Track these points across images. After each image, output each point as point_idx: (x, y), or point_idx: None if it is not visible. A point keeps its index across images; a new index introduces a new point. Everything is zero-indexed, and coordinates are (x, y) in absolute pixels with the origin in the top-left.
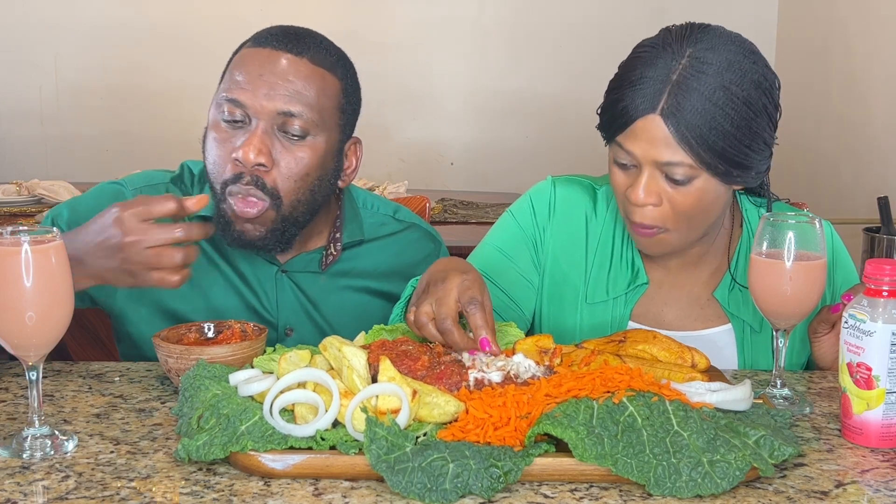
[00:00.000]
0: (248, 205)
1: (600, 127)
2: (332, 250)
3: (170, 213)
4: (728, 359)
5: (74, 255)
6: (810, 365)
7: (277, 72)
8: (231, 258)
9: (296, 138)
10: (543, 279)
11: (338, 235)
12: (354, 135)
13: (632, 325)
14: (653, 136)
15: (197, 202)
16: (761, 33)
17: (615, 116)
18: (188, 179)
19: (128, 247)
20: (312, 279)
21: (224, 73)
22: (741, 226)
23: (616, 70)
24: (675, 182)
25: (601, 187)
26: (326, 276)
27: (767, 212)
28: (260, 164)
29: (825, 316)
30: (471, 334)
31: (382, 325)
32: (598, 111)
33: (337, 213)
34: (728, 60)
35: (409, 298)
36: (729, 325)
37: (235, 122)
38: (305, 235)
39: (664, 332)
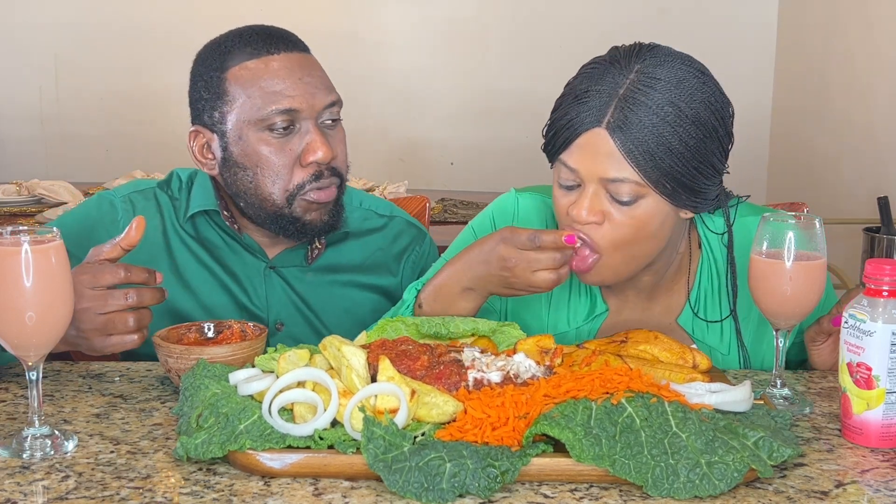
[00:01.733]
0: (327, 192)
1: (545, 146)
2: (318, 244)
3: (121, 281)
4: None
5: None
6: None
7: (307, 70)
8: (220, 257)
9: (335, 123)
10: (506, 304)
11: None
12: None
13: None
14: (597, 150)
15: (136, 228)
16: (761, 33)
17: (559, 131)
18: (175, 185)
19: (80, 314)
20: (300, 275)
21: (221, 92)
22: (700, 247)
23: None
24: (620, 203)
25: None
26: (314, 272)
27: (727, 223)
28: (333, 157)
29: (825, 327)
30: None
31: (388, 319)
32: (543, 131)
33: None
34: (677, 77)
35: (413, 303)
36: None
37: (283, 129)
38: None
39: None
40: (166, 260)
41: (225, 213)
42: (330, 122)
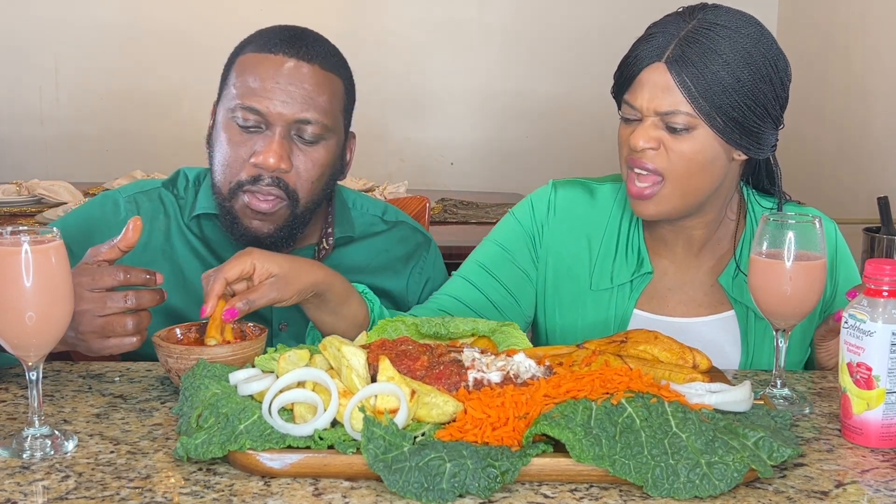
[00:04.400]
0: (265, 201)
1: (613, 87)
2: (325, 244)
3: (120, 283)
4: (732, 345)
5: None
6: (810, 364)
7: (292, 79)
8: (224, 257)
9: (311, 142)
10: (546, 273)
11: (329, 231)
12: (351, 130)
13: (636, 313)
14: (654, 83)
15: (133, 229)
16: None
17: (624, 70)
18: (181, 184)
19: (78, 316)
20: None
21: (228, 74)
22: (745, 217)
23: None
24: (673, 131)
25: (602, 185)
26: None
27: (779, 210)
28: (281, 169)
29: (834, 326)
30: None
31: (388, 319)
32: (615, 76)
33: (328, 210)
34: (736, 25)
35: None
36: (732, 312)
37: (250, 127)
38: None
39: (668, 320)
40: (169, 260)
41: None
42: (301, 138)
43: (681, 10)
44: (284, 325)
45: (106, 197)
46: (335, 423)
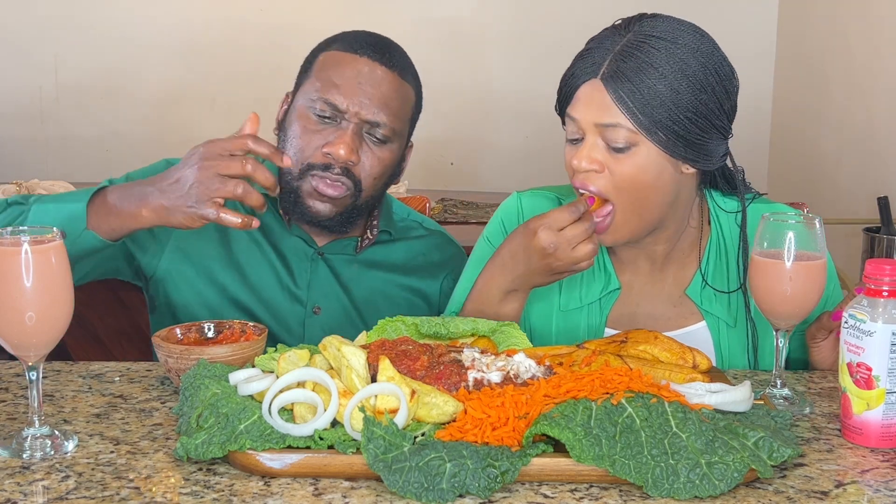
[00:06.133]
0: (333, 187)
1: (556, 104)
2: (369, 235)
3: (245, 150)
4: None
5: (139, 192)
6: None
7: (372, 82)
8: (273, 239)
9: (379, 142)
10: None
11: (374, 223)
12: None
13: (608, 331)
14: (592, 99)
15: (252, 121)
16: (761, 35)
17: (563, 87)
18: None
19: (202, 170)
20: (347, 264)
21: (309, 67)
22: (708, 223)
23: None
24: (616, 150)
25: (568, 197)
26: (359, 264)
27: (741, 207)
28: (349, 161)
29: (825, 323)
30: None
31: (388, 319)
32: (557, 91)
33: (374, 206)
34: (672, 35)
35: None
36: (703, 323)
37: (325, 118)
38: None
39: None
40: (220, 230)
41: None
42: (371, 137)
43: (618, 22)
44: (318, 308)
45: (169, 162)
46: (335, 423)
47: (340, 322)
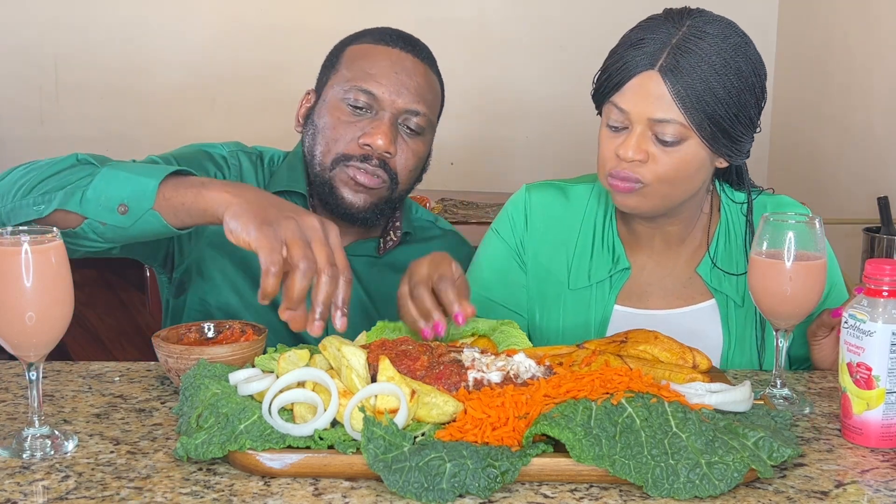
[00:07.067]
0: (370, 178)
1: (595, 92)
2: (392, 237)
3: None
4: (713, 334)
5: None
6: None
7: (407, 72)
8: None
9: (414, 133)
10: (529, 276)
11: (397, 224)
12: None
13: (617, 308)
14: (648, 92)
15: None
16: (761, 34)
17: (613, 74)
18: (267, 158)
19: (300, 218)
20: (368, 265)
21: (336, 61)
22: (719, 211)
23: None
24: (663, 143)
25: (575, 185)
26: (380, 265)
27: (747, 200)
28: (387, 152)
29: (825, 320)
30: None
31: (386, 322)
32: (594, 78)
33: (400, 204)
34: (724, 33)
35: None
36: (713, 301)
37: (360, 108)
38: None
39: (649, 313)
40: None
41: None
42: (406, 129)
43: (666, 13)
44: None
45: (213, 146)
46: (335, 423)
47: (358, 321)
